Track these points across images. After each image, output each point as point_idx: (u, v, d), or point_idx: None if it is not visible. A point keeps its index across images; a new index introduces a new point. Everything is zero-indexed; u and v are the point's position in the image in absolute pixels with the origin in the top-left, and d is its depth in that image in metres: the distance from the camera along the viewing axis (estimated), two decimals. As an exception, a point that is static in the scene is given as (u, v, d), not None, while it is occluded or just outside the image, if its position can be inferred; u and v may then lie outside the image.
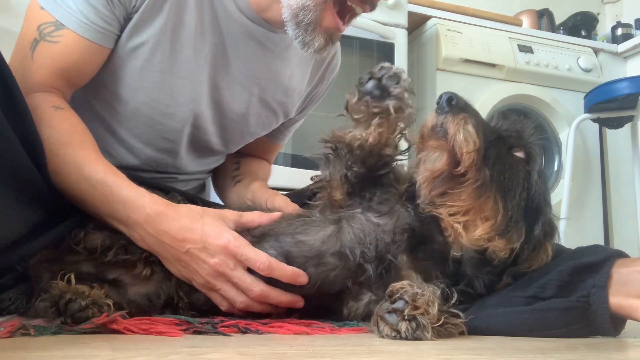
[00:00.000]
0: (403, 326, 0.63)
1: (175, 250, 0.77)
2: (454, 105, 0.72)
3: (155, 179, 1.05)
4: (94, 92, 0.98)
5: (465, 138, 0.70)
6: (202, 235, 0.77)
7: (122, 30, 0.92)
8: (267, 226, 0.82)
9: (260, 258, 0.76)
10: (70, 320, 0.65)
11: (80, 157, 0.81)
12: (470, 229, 0.72)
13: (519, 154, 0.75)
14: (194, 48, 0.96)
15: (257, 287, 0.76)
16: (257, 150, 1.25)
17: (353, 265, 0.75)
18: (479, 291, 0.75)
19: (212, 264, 0.76)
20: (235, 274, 0.76)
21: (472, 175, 0.70)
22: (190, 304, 0.80)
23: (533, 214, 0.74)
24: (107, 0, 0.87)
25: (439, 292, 0.68)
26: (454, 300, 0.69)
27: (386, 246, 0.74)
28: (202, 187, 1.25)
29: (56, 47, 0.87)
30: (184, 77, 0.97)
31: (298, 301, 0.78)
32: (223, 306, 0.78)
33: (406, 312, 0.64)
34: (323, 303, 0.79)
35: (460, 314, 0.69)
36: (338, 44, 1.21)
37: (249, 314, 0.78)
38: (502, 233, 0.71)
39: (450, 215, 0.72)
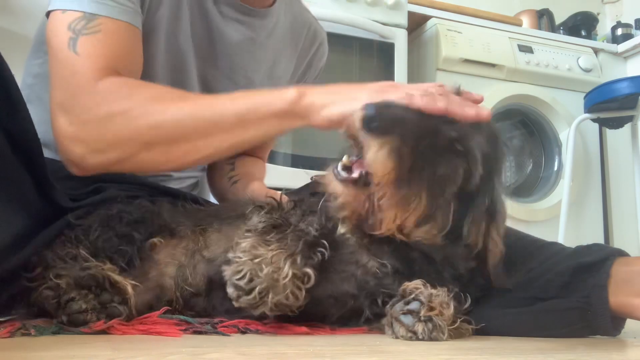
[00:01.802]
0: (420, 328, 0.63)
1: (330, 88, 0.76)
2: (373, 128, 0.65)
3: (150, 177, 1.05)
4: None
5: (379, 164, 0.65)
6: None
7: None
8: None
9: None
10: (66, 318, 0.65)
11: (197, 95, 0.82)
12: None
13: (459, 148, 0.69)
14: (186, 42, 0.96)
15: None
16: (253, 147, 1.24)
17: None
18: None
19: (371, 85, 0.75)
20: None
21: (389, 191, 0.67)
22: (188, 308, 0.80)
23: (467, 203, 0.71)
24: None
25: (451, 294, 0.67)
26: (467, 305, 0.68)
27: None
28: (196, 186, 1.25)
29: (99, 36, 0.80)
30: (179, 70, 0.97)
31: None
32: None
33: (422, 313, 0.63)
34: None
35: (471, 320, 0.68)
36: (324, 35, 1.21)
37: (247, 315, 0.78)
38: (421, 223, 0.69)
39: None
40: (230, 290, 0.65)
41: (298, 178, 2.04)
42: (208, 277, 0.79)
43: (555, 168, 2.72)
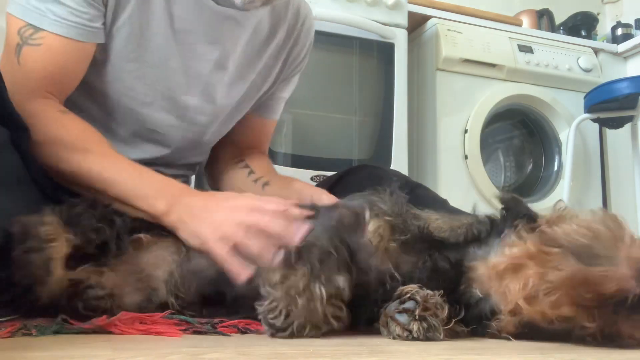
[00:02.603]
0: (415, 326, 0.63)
1: (195, 208, 0.80)
2: None
3: None
4: (80, 90, 0.99)
5: None
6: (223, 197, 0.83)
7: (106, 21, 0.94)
8: None
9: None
10: (82, 305, 0.65)
11: (101, 149, 0.86)
12: None
13: None
14: (165, 36, 0.98)
15: (267, 218, 0.75)
16: (253, 135, 1.24)
17: None
18: None
19: (228, 208, 0.79)
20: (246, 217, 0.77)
21: None
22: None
23: None
24: None
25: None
26: (461, 316, 0.68)
27: None
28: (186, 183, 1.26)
29: (40, 50, 0.88)
30: (157, 65, 0.99)
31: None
32: (220, 254, 0.76)
33: (417, 312, 0.63)
34: None
35: (465, 323, 0.68)
36: (308, 8, 1.21)
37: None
38: None
39: None
40: (265, 328, 0.63)
41: (298, 178, 2.04)
42: (199, 292, 0.78)
43: (555, 168, 2.72)
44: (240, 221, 0.76)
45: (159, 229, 0.82)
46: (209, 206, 0.79)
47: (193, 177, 1.33)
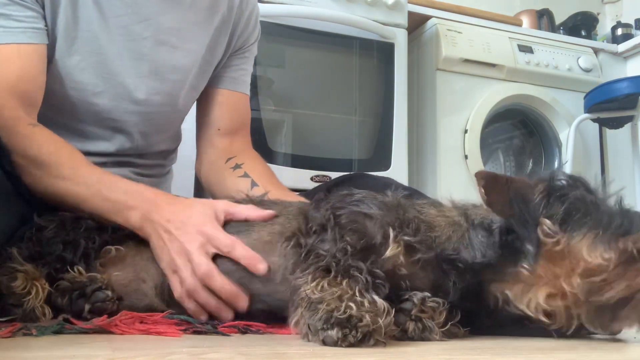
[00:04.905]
0: (410, 326, 0.64)
1: (160, 227, 0.79)
2: None
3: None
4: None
5: None
6: (187, 218, 0.80)
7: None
8: None
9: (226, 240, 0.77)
10: (89, 307, 0.66)
11: (73, 165, 0.86)
12: None
13: None
14: (98, 24, 0.99)
15: (205, 266, 0.75)
16: (229, 114, 1.20)
17: None
18: None
19: (182, 240, 0.77)
20: (195, 254, 0.77)
21: None
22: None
23: None
24: (14, 2, 0.91)
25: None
26: (457, 318, 0.68)
27: None
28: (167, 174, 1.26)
29: None
30: (98, 53, 1.00)
31: (242, 299, 0.76)
32: (177, 291, 0.77)
33: (414, 312, 0.64)
34: None
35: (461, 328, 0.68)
36: None
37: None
38: None
39: None
40: (333, 332, 0.56)
41: (298, 178, 2.04)
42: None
43: (555, 168, 2.72)
44: (185, 262, 0.76)
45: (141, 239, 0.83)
46: (170, 228, 0.79)
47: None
